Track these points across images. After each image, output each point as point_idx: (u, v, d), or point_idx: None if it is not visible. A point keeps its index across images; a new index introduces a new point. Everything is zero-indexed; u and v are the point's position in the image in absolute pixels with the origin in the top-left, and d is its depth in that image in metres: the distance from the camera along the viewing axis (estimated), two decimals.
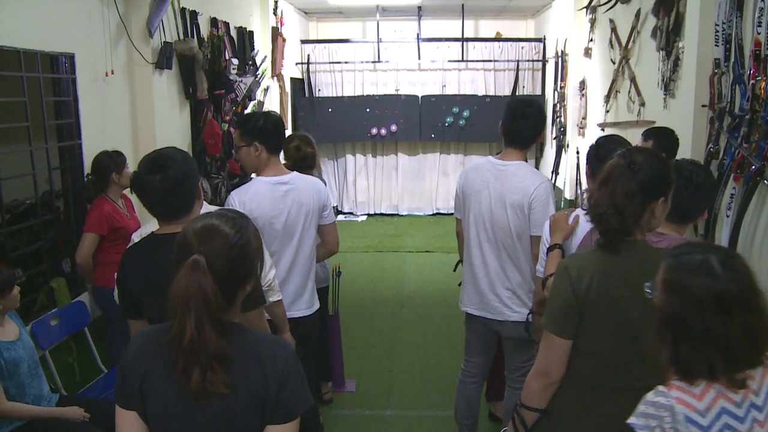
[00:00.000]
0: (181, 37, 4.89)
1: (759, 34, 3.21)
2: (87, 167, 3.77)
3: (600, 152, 2.54)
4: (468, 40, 9.18)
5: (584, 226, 2.40)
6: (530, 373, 1.95)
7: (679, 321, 1.43)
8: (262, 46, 7.03)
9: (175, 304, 1.39)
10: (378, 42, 9.15)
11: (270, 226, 2.81)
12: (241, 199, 2.87)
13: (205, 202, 2.25)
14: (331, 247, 3.16)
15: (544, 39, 8.96)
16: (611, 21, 5.93)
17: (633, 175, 1.82)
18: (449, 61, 9.20)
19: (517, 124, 2.88)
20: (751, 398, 1.42)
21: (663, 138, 3.40)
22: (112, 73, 4.02)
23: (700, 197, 2.25)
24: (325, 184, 3.22)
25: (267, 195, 2.86)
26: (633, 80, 5.43)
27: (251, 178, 3.06)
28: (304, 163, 3.62)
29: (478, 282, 2.95)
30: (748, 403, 1.42)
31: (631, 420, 1.45)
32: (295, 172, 3.00)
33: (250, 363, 1.45)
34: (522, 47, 9.20)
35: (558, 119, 7.93)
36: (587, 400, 1.87)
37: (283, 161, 3.77)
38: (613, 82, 5.94)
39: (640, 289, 1.76)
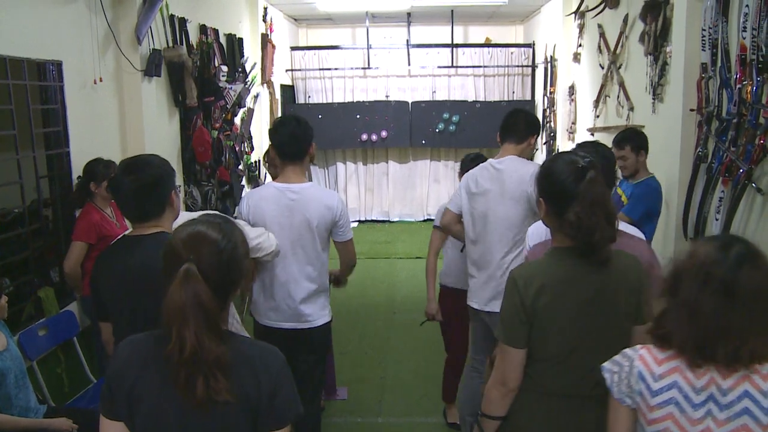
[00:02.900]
0: (170, 44, 4.87)
1: (744, 38, 3.23)
2: (75, 175, 3.75)
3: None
4: (458, 46, 9.22)
5: (539, 229, 2.39)
6: (489, 383, 1.95)
7: (678, 288, 1.46)
8: (252, 53, 7.03)
9: (172, 317, 1.38)
10: (368, 48, 9.16)
11: (274, 234, 2.73)
12: (248, 201, 2.89)
13: (183, 212, 2.29)
14: (347, 263, 3.10)
15: (534, 44, 9.00)
16: (599, 26, 5.97)
17: (602, 180, 1.82)
18: (439, 67, 9.23)
19: (510, 119, 3.08)
20: (713, 391, 1.43)
21: (636, 140, 3.70)
22: (101, 80, 4.00)
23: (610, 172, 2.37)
24: None
25: (273, 201, 2.82)
26: (622, 85, 5.46)
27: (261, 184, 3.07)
28: None
29: (483, 275, 3.03)
30: (707, 394, 1.43)
31: (604, 363, 1.56)
32: (311, 183, 2.93)
33: (243, 370, 1.45)
34: (511, 53, 9.24)
35: (548, 124, 7.96)
36: (544, 407, 1.88)
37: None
38: (602, 86, 5.97)
39: (598, 293, 1.81)
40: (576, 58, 6.98)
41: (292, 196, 2.81)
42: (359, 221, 9.66)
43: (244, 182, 6.52)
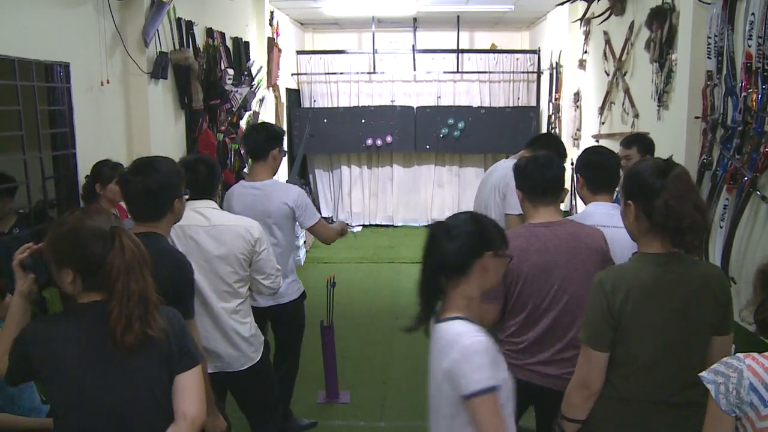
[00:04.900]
0: (177, 47, 4.90)
1: (750, 47, 3.23)
2: (81, 177, 3.76)
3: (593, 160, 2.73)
4: (463, 51, 9.23)
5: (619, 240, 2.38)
6: (570, 385, 1.98)
7: None
8: (258, 57, 7.05)
9: (119, 272, 1.59)
10: (373, 53, 9.18)
11: None
12: (227, 196, 3.42)
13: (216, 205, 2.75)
14: (324, 242, 3.60)
15: (539, 51, 9.01)
16: (605, 33, 5.97)
17: (691, 178, 1.92)
18: (444, 72, 9.24)
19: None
20: None
21: (644, 143, 3.75)
22: (108, 82, 4.02)
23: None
24: None
25: (239, 196, 3.33)
26: (627, 92, 5.46)
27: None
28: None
29: None
30: None
31: (702, 373, 1.55)
32: (273, 180, 3.38)
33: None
34: (517, 59, 9.24)
35: (552, 131, 7.96)
36: (623, 412, 1.89)
37: None
38: (608, 93, 5.98)
39: (685, 302, 1.83)
40: (581, 64, 6.98)
41: (255, 192, 3.30)
42: (363, 225, 9.67)
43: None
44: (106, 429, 1.65)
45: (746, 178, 3.25)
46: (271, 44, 7.35)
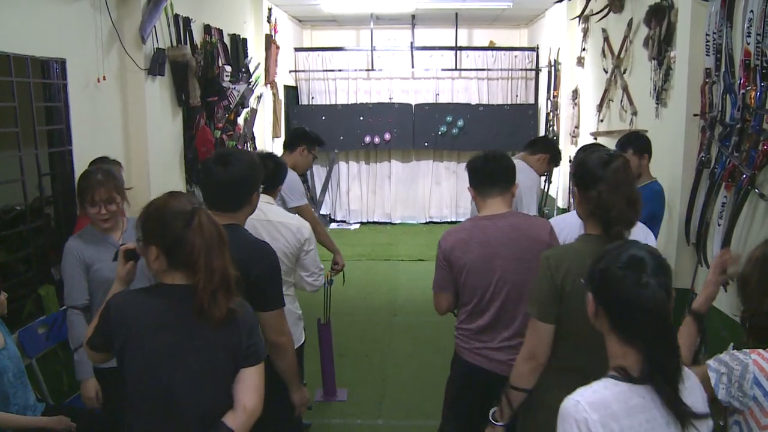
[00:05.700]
0: (174, 43, 4.88)
1: (748, 44, 3.22)
2: (77, 174, 3.74)
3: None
4: (461, 48, 9.22)
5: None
6: (519, 357, 2.07)
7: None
8: (256, 54, 7.03)
9: (200, 250, 1.68)
10: (372, 50, 9.17)
11: None
12: None
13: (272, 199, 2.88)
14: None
15: (537, 48, 9.00)
16: (604, 30, 5.96)
17: (629, 171, 2.05)
18: (443, 69, 9.23)
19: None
20: None
21: (637, 143, 3.68)
22: (104, 79, 4.00)
23: None
24: None
25: None
26: (625, 89, 5.45)
27: None
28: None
29: None
30: None
31: (708, 361, 1.59)
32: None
33: None
34: (515, 56, 9.24)
35: (551, 128, 7.95)
36: (566, 382, 1.92)
37: None
38: (606, 91, 5.96)
39: None
40: (580, 62, 6.97)
41: None
42: (361, 223, 9.66)
43: None
44: (170, 400, 1.72)
45: (744, 176, 3.24)
46: (269, 41, 7.33)
